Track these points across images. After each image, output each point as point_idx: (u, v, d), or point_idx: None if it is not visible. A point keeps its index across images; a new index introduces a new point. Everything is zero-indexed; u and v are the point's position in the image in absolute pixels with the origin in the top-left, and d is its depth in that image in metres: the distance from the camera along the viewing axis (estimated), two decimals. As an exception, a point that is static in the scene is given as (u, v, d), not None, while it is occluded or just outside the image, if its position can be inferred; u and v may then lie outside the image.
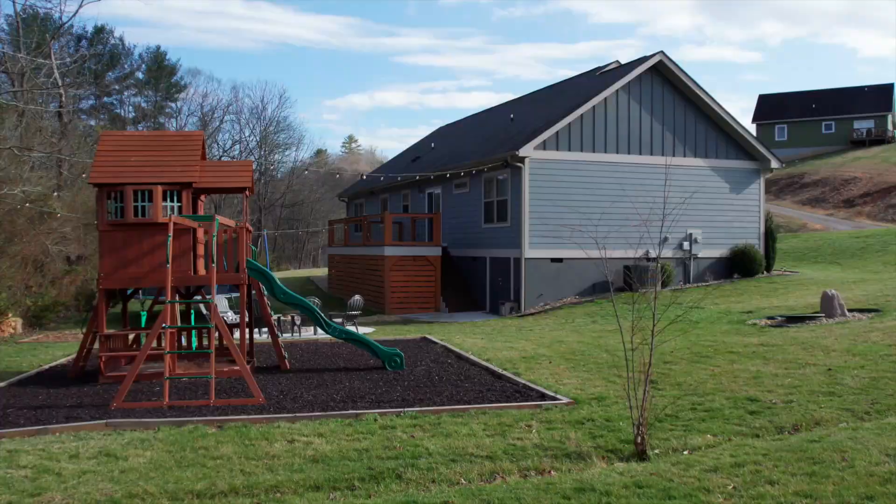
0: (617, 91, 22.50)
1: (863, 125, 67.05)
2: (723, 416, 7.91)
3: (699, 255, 23.33)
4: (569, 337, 15.08)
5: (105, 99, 61.78)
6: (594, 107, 22.22)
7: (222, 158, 59.15)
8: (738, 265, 23.56)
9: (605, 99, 22.38)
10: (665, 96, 23.13)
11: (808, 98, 70.30)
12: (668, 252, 22.51)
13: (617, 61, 27.20)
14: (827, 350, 11.29)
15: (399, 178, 29.12)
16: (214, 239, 10.68)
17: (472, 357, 12.61)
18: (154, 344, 11.57)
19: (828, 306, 15.37)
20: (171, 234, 10.09)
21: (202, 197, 12.96)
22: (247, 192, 12.28)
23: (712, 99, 23.19)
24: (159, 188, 11.25)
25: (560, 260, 21.75)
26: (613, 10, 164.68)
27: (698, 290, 21.43)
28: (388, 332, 17.72)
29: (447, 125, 40.44)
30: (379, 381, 10.79)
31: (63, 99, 29.93)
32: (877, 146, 64.30)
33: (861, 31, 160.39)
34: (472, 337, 15.87)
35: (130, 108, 64.07)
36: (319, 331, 15.12)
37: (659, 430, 7.42)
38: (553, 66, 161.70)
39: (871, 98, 67.49)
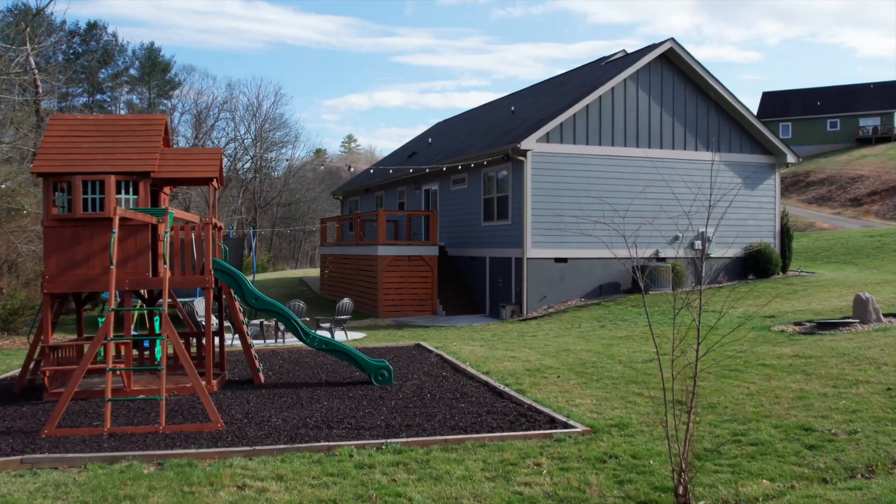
0: (625, 80, 21.06)
1: (868, 123, 65.57)
2: (775, 452, 6.45)
3: (712, 255, 21.90)
4: (576, 345, 13.67)
5: (98, 96, 60.36)
6: (600, 97, 20.77)
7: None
8: (753, 265, 22.17)
9: (613, 89, 20.93)
10: (675, 86, 21.68)
11: (812, 95, 68.83)
12: (679, 251, 21.07)
13: (623, 50, 25.74)
14: (877, 364, 9.85)
15: (391, 171, 27.67)
16: (167, 236, 9.25)
17: (469, 369, 11.19)
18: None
19: (861, 311, 13.93)
20: (115, 229, 8.66)
21: (165, 189, 11.55)
22: (214, 183, 10.85)
23: (725, 89, 21.73)
24: (112, 178, 9.85)
25: (564, 260, 20.33)
26: (612, 10, 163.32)
27: (712, 292, 20.01)
28: (381, 338, 16.33)
29: (445, 121, 38.93)
30: (362, 400, 9.38)
31: (39, 91, 28.42)
32: (883, 144, 62.87)
33: (860, 31, 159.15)
34: (470, 344, 14.46)
35: (123, 105, 62.58)
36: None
37: (700, 471, 5.96)
38: (552, 65, 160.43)
39: (877, 95, 66.02)
